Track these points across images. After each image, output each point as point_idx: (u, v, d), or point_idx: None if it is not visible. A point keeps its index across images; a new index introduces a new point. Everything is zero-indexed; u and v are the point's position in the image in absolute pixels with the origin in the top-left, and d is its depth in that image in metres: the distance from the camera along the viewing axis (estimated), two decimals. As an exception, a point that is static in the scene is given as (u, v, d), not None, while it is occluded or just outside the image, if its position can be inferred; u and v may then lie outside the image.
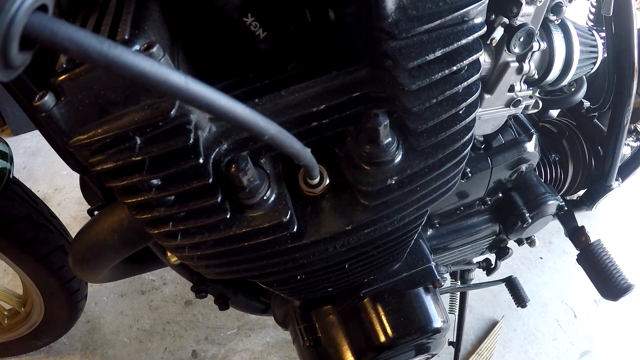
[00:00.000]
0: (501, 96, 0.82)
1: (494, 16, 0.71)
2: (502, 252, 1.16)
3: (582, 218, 1.21)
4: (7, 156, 0.99)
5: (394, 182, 0.44)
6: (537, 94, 0.87)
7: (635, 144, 1.27)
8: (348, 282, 0.66)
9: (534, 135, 0.96)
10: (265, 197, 0.43)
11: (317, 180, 0.45)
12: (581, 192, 1.24)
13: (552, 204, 1.02)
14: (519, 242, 1.15)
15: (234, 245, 0.44)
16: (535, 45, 0.75)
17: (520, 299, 1.19)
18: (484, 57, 0.75)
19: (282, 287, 0.61)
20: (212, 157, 0.41)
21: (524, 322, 1.54)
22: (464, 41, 0.41)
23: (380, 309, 0.67)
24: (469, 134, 0.46)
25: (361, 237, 0.48)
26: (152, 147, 0.38)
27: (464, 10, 0.41)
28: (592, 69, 0.96)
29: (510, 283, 1.20)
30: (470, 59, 0.42)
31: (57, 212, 1.29)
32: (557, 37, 0.83)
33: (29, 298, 1.27)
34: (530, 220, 1.00)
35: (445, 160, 0.46)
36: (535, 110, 0.89)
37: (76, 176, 0.66)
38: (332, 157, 0.47)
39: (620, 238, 1.75)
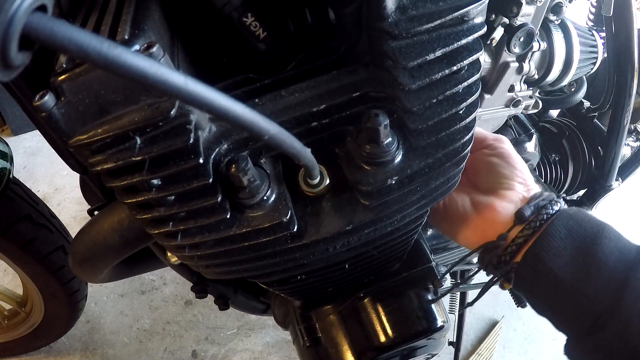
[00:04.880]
0: (501, 96, 0.82)
1: (494, 16, 0.71)
2: (502, 252, 1.16)
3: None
4: (7, 156, 0.99)
5: (394, 182, 0.44)
6: (537, 94, 0.87)
7: (635, 144, 1.27)
8: (348, 282, 0.66)
9: (534, 135, 0.96)
10: (265, 197, 0.43)
11: (317, 180, 0.45)
12: (581, 192, 1.24)
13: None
14: (519, 242, 1.15)
15: (234, 245, 0.44)
16: (535, 45, 0.75)
17: (520, 299, 1.18)
18: (484, 57, 0.75)
19: (282, 287, 0.61)
20: (212, 157, 0.41)
21: (524, 322, 1.54)
22: (464, 41, 0.41)
23: (380, 309, 0.67)
24: (469, 134, 0.46)
25: (361, 237, 0.48)
26: (152, 147, 0.38)
27: (464, 10, 0.41)
28: (592, 69, 0.96)
29: (511, 283, 1.20)
30: (470, 59, 0.42)
31: (57, 212, 1.30)
32: (557, 37, 0.83)
33: (29, 298, 1.27)
34: (530, 220, 1.00)
35: (446, 160, 0.45)
36: (535, 110, 0.89)
37: (76, 176, 0.66)
38: (332, 157, 0.47)
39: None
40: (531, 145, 0.95)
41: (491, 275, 0.57)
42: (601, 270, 0.46)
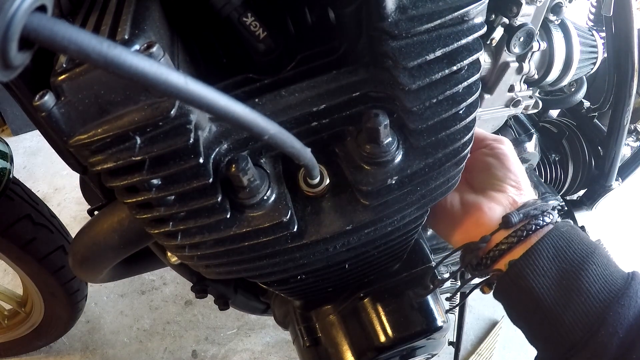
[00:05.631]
0: (501, 96, 0.82)
1: (494, 16, 0.71)
2: (502, 252, 1.16)
3: (582, 218, 1.21)
4: (7, 156, 0.99)
5: (394, 182, 0.44)
6: (537, 94, 0.87)
7: (635, 144, 1.27)
8: (348, 282, 0.66)
9: (534, 135, 0.96)
10: (265, 197, 0.43)
11: (317, 180, 0.45)
12: (581, 192, 1.24)
13: (552, 204, 1.01)
14: (519, 242, 1.15)
15: (234, 245, 0.44)
16: (535, 45, 0.75)
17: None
18: (484, 57, 0.75)
19: (282, 287, 0.61)
20: (212, 157, 0.41)
21: (524, 322, 1.54)
22: (464, 41, 0.41)
23: (380, 309, 0.67)
24: (469, 134, 0.46)
25: (361, 237, 0.48)
26: (152, 146, 0.38)
27: (464, 10, 0.41)
28: (592, 69, 0.96)
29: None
30: (470, 59, 0.42)
31: (57, 212, 1.29)
32: (557, 37, 0.83)
33: (29, 298, 1.27)
34: (530, 220, 1.00)
35: (446, 160, 0.45)
36: (535, 110, 0.89)
37: (76, 176, 0.66)
38: (332, 157, 0.47)
39: (620, 238, 1.75)
40: (531, 145, 0.95)
41: (471, 278, 0.57)
42: (582, 298, 0.46)
